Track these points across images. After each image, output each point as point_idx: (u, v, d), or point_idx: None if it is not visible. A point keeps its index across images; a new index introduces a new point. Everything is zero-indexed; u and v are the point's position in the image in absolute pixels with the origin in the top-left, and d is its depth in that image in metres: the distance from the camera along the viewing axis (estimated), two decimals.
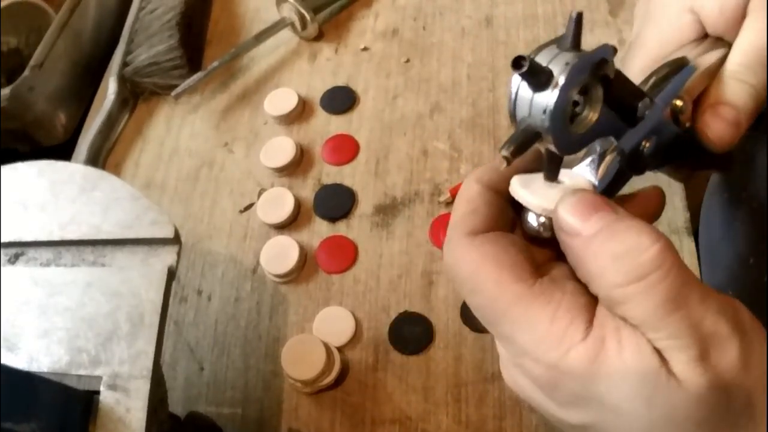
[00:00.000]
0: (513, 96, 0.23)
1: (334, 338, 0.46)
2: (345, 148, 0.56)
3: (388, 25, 0.64)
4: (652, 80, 0.29)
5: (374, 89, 0.60)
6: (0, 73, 0.65)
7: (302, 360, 0.44)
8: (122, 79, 0.62)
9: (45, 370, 0.33)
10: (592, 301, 0.23)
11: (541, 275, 0.24)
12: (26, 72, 0.59)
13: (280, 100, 0.59)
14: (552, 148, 0.23)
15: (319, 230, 0.52)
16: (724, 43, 0.31)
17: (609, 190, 0.28)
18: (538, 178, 0.26)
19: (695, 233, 0.47)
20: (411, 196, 0.53)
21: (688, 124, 0.29)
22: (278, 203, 0.53)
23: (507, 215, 0.27)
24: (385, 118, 0.57)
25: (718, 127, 0.29)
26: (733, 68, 0.30)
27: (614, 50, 0.23)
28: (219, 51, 0.65)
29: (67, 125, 0.64)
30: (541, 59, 0.22)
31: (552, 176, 0.25)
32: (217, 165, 0.58)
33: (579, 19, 0.22)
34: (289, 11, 0.63)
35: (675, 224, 0.47)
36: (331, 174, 0.55)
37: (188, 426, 0.42)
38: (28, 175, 0.40)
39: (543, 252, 0.27)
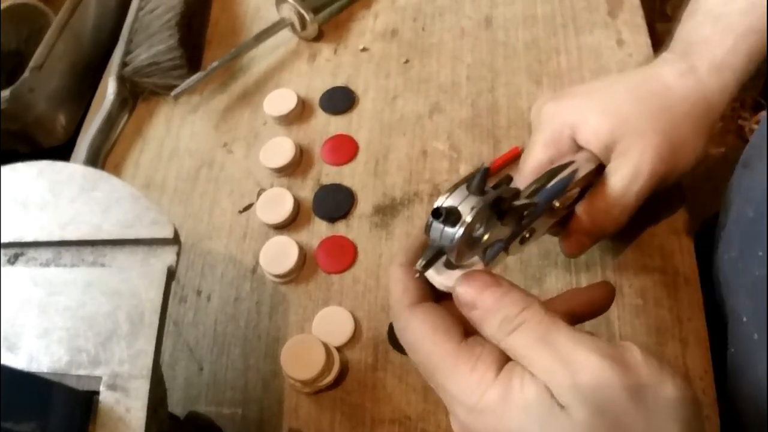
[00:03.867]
0: (429, 223, 0.29)
1: (333, 338, 0.46)
2: (344, 149, 0.56)
3: (388, 26, 0.64)
4: (533, 186, 0.37)
5: (374, 90, 0.60)
6: (0, 74, 0.65)
7: (302, 360, 0.44)
8: (122, 79, 0.62)
9: (45, 370, 0.33)
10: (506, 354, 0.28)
11: (468, 336, 0.29)
12: (26, 73, 0.59)
13: (279, 101, 0.59)
14: (452, 259, 0.30)
15: (319, 230, 0.52)
16: (597, 157, 0.40)
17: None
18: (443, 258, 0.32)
19: (695, 234, 0.47)
20: (410, 197, 0.53)
21: (561, 208, 0.38)
22: (278, 203, 0.53)
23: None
24: (384, 119, 0.58)
25: (571, 248, 0.42)
26: (600, 206, 0.40)
27: (516, 192, 0.32)
28: (219, 51, 0.65)
29: (67, 126, 0.64)
30: (454, 199, 0.29)
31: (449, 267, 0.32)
32: (217, 165, 0.58)
33: (485, 173, 0.29)
34: (288, 11, 0.63)
35: (674, 225, 0.47)
36: (330, 174, 0.55)
37: (188, 426, 0.42)
38: (28, 176, 0.40)
39: None
